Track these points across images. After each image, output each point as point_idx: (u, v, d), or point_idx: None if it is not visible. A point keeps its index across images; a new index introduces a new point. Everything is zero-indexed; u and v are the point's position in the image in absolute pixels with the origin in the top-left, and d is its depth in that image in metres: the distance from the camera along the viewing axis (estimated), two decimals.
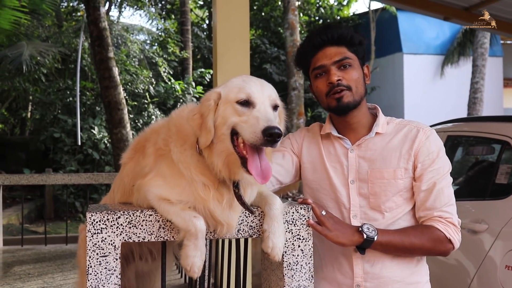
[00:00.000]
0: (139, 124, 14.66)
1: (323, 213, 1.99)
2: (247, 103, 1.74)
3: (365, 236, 2.03)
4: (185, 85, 16.29)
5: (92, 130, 14.16)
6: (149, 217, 1.76)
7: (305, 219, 1.88)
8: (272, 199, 1.84)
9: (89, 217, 1.70)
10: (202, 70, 18.26)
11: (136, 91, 15.27)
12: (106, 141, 13.95)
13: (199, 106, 1.83)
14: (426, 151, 2.17)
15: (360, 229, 2.05)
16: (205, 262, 1.88)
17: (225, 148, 1.75)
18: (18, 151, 16.31)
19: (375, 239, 2.04)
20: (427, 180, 2.15)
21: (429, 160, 2.16)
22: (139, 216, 1.75)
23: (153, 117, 15.07)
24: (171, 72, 17.43)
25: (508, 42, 22.31)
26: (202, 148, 1.78)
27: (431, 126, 5.07)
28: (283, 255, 1.84)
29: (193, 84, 16.73)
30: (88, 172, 12.98)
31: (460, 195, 4.66)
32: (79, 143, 13.67)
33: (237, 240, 2.09)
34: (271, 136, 1.63)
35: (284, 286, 1.85)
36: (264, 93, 1.78)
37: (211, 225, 1.80)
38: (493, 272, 3.59)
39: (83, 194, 13.15)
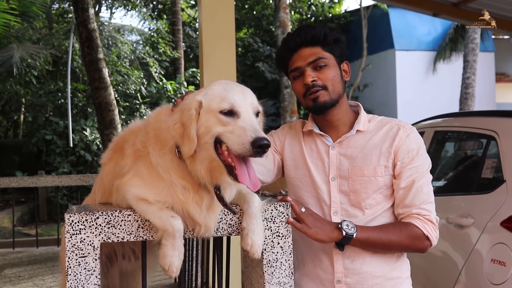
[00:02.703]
0: None
1: (303, 210, 2.00)
2: (231, 113, 1.73)
3: (344, 233, 2.04)
4: (177, 85, 16.28)
5: (84, 132, 14.14)
6: (127, 217, 1.77)
7: (284, 216, 1.90)
8: (251, 197, 1.85)
9: (68, 218, 1.71)
10: (194, 70, 18.25)
11: (128, 91, 15.25)
12: (98, 143, 13.93)
13: (179, 115, 1.79)
14: (405, 149, 2.18)
15: (339, 225, 2.06)
16: (195, 260, 1.90)
17: (208, 155, 1.75)
18: (11, 154, 16.26)
19: (354, 235, 2.05)
20: (406, 177, 2.17)
21: (409, 158, 2.18)
22: (118, 216, 1.76)
23: (145, 117, 15.04)
24: (163, 72, 17.41)
25: (500, 37, 22.37)
26: (185, 158, 1.77)
27: (419, 121, 5.11)
28: (262, 252, 1.86)
29: (185, 84, 16.73)
30: (81, 174, 12.96)
31: (447, 190, 4.71)
32: (71, 145, 13.64)
33: (221, 238, 2.10)
34: (260, 148, 1.63)
35: (265, 283, 1.87)
36: (247, 101, 1.77)
37: (189, 225, 1.82)
38: (479, 266, 3.62)
39: (76, 195, 13.11)
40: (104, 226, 1.74)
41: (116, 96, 13.25)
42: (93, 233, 1.73)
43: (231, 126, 1.71)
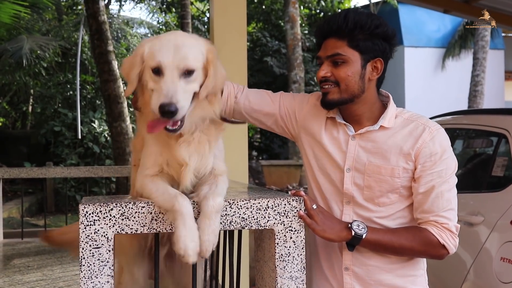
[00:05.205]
0: None
1: (314, 207, 1.98)
2: (159, 71, 1.79)
3: (353, 233, 2.01)
4: None
5: (93, 124, 14.19)
6: (141, 209, 1.77)
7: (297, 211, 1.89)
8: (211, 197, 1.79)
9: (82, 209, 1.71)
10: None
11: None
12: (106, 135, 13.97)
13: (132, 57, 1.91)
14: (428, 152, 2.07)
15: (349, 225, 2.03)
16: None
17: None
18: (19, 144, 16.35)
19: (363, 236, 2.01)
20: (425, 183, 2.07)
21: (431, 162, 2.06)
22: (132, 208, 1.76)
23: None
24: None
25: (510, 35, 22.22)
26: (126, 95, 2.00)
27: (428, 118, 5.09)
28: (275, 246, 1.85)
29: None
30: (89, 166, 13.01)
31: (457, 187, 4.69)
32: (80, 137, 13.69)
33: (231, 232, 2.10)
34: (164, 114, 1.71)
35: (276, 278, 1.86)
36: (174, 61, 1.78)
37: (176, 173, 1.91)
38: (488, 264, 3.61)
39: (84, 187, 13.19)
40: (118, 218, 1.74)
41: (125, 88, 13.28)
42: (107, 224, 1.73)
43: (157, 84, 1.79)
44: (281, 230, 1.87)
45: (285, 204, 1.88)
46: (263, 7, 22.32)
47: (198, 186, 1.93)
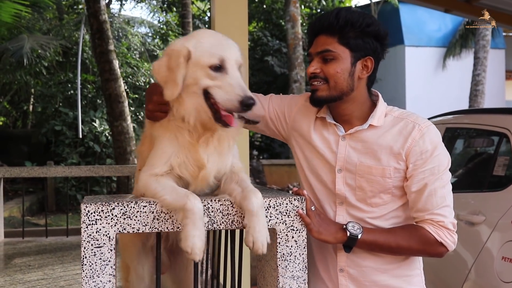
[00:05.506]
0: (140, 117, 14.67)
1: (312, 208, 1.97)
2: (219, 68, 1.83)
3: (348, 234, 2.01)
4: None
5: (93, 123, 14.17)
6: (143, 208, 1.77)
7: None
8: (251, 195, 1.81)
9: (84, 209, 1.72)
10: None
11: (137, 83, 15.27)
12: (107, 134, 13.96)
13: (166, 59, 1.89)
14: (418, 150, 2.05)
15: (344, 226, 2.02)
16: (205, 253, 1.90)
17: (198, 104, 1.85)
18: (20, 144, 16.34)
19: (359, 237, 2.00)
20: (417, 181, 2.05)
21: (421, 160, 2.04)
22: (134, 207, 1.76)
23: None
24: None
25: (511, 34, 22.21)
26: (168, 99, 1.87)
27: (430, 118, 5.09)
28: (276, 245, 1.86)
29: None
30: (90, 165, 13.01)
31: (458, 187, 4.68)
32: (80, 136, 13.68)
33: (233, 232, 2.10)
34: (248, 107, 1.76)
35: (278, 277, 1.87)
36: (232, 57, 1.86)
37: (191, 175, 1.93)
38: (490, 264, 3.61)
39: (85, 186, 13.19)
40: (120, 217, 1.74)
41: (126, 88, 13.28)
42: (109, 223, 1.73)
43: (219, 81, 1.81)
44: (282, 230, 1.87)
45: (286, 204, 1.88)
46: (264, 6, 22.33)
47: (226, 186, 1.96)
